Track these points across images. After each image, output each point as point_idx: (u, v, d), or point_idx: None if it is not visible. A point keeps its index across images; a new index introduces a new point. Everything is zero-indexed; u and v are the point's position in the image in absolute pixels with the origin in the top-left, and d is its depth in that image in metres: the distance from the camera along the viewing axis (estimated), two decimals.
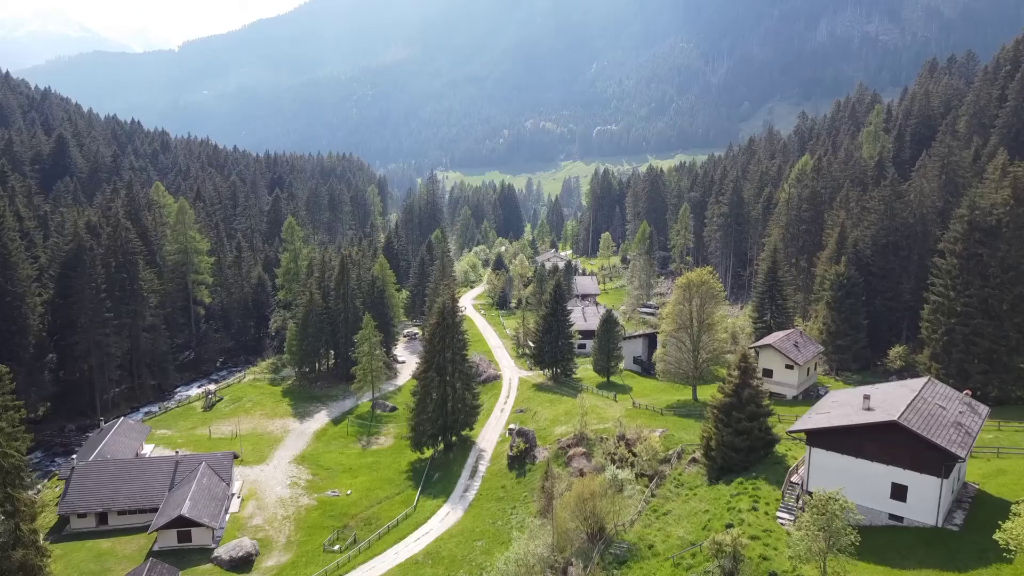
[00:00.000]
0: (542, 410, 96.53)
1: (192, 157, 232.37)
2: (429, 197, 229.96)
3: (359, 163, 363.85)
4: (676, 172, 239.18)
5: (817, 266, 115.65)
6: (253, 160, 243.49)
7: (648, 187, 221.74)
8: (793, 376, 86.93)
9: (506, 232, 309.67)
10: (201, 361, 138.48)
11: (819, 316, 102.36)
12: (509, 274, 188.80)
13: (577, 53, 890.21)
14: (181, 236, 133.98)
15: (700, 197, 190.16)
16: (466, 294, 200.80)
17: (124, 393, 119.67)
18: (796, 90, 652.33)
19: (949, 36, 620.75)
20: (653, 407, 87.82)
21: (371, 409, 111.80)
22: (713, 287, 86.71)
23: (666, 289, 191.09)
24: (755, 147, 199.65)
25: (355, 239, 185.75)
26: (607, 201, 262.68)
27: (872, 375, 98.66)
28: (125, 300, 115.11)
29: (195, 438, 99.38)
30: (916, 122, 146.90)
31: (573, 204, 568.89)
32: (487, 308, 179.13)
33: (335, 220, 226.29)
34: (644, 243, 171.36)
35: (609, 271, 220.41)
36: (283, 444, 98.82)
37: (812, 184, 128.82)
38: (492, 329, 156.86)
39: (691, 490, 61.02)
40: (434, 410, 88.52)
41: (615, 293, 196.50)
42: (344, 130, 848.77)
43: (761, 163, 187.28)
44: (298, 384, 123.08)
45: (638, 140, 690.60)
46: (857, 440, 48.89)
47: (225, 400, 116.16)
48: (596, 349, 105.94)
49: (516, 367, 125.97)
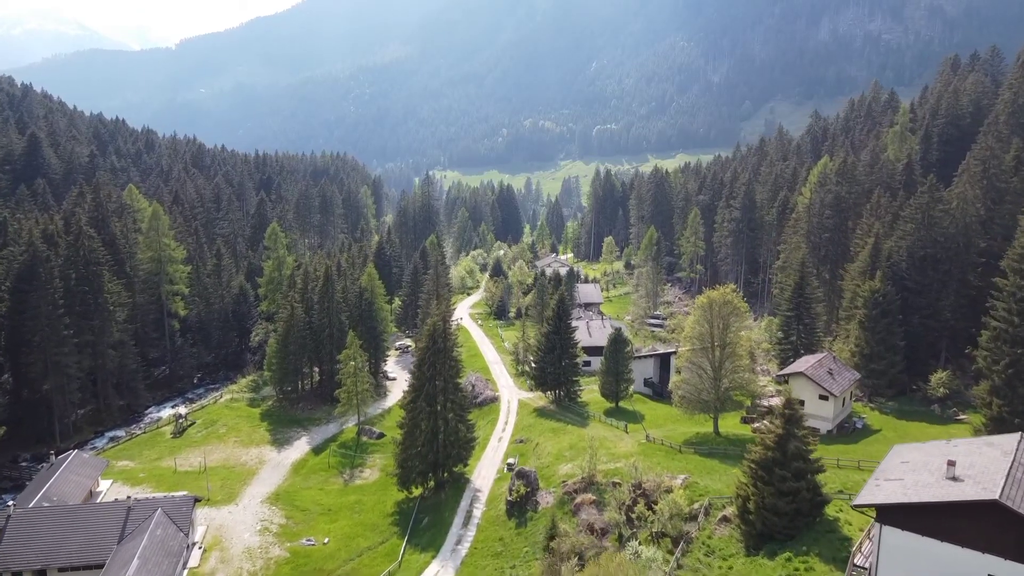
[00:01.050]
0: (544, 441, 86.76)
1: (177, 157, 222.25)
2: (424, 199, 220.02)
3: (353, 163, 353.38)
4: (682, 174, 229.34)
5: (844, 278, 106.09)
6: (241, 160, 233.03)
7: (653, 189, 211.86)
8: (828, 408, 77.26)
9: (505, 234, 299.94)
10: (176, 378, 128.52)
11: (851, 336, 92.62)
12: (508, 281, 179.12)
13: (576, 51, 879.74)
14: (154, 244, 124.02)
15: (709, 200, 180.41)
16: (462, 301, 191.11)
17: (88, 416, 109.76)
18: (798, 89, 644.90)
19: (953, 34, 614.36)
20: (670, 443, 78.03)
21: (356, 436, 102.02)
22: (737, 307, 76.98)
23: (673, 297, 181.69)
24: (766, 148, 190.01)
25: (346, 244, 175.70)
26: (609, 203, 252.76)
27: (909, 402, 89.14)
28: (88, 315, 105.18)
29: (159, 472, 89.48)
30: (944, 122, 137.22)
31: (573, 204, 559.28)
32: (484, 318, 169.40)
33: (326, 223, 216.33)
34: (651, 250, 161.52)
35: (612, 277, 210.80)
36: (257, 478, 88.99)
37: (836, 188, 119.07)
38: (490, 342, 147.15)
39: (725, 560, 51.26)
40: (423, 444, 78.73)
41: (619, 301, 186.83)
42: (342, 128, 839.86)
43: (774, 165, 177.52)
44: (278, 406, 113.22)
45: (638, 139, 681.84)
46: (942, 520, 39.23)
47: (197, 424, 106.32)
48: (604, 371, 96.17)
49: (515, 386, 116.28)
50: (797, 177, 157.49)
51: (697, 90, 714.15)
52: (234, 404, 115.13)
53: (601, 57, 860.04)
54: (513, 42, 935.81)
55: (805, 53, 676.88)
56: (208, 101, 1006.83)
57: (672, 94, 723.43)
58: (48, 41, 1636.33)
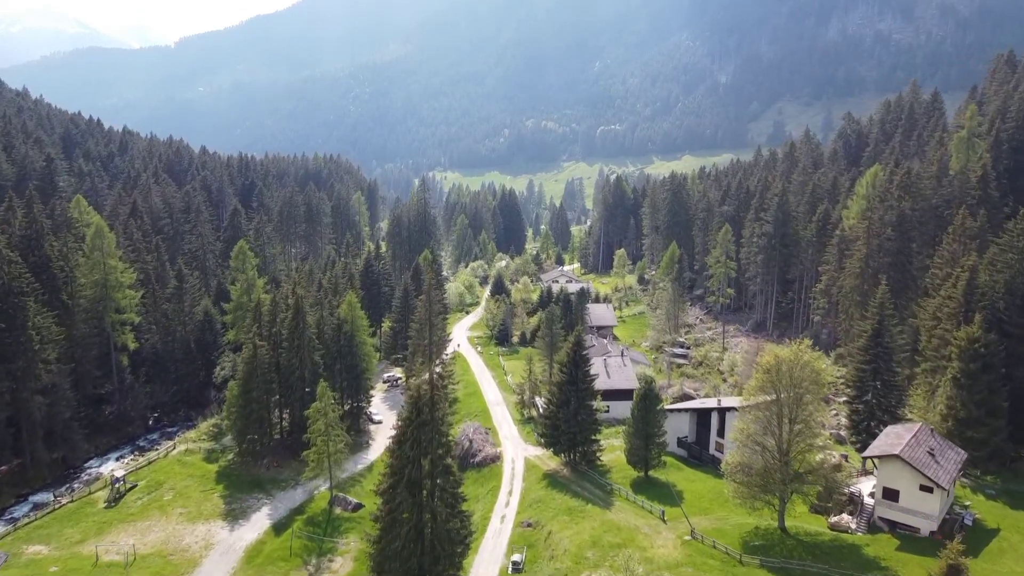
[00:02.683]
0: (559, 530, 68.86)
1: (150, 161, 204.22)
2: (420, 207, 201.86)
3: (348, 166, 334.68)
4: (700, 180, 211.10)
5: (917, 315, 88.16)
6: (223, 164, 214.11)
7: (669, 197, 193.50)
8: (933, 503, 59.33)
9: (507, 241, 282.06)
10: (126, 421, 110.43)
11: (939, 395, 74.61)
12: (510, 301, 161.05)
13: (580, 50, 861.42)
14: (98, 266, 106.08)
15: (734, 212, 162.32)
16: (460, 322, 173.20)
17: (10, 475, 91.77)
18: (807, 90, 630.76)
19: (966, 35, 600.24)
20: (725, 546, 60.10)
21: (328, 507, 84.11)
22: (816, 371, 58.96)
23: (694, 318, 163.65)
24: (797, 154, 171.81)
25: (331, 261, 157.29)
26: (620, 211, 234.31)
27: (1016, 479, 71.26)
28: (6, 357, 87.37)
29: (76, 563, 71.44)
30: (1013, 127, 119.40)
31: (577, 207, 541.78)
32: (485, 343, 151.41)
33: (313, 233, 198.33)
34: (672, 268, 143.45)
35: (625, 294, 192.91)
36: (199, 573, 71.05)
37: (898, 205, 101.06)
38: (490, 375, 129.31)
39: None
40: (404, 545, 60.60)
41: (633, 323, 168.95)
42: (341, 128, 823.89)
43: (807, 173, 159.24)
44: (239, 461, 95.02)
45: (643, 140, 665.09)
46: None
47: (139, 488, 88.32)
48: (631, 434, 78.17)
49: (520, 438, 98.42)
50: (838, 188, 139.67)
51: (703, 90, 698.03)
52: (188, 458, 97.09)
53: (605, 56, 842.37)
54: (515, 40, 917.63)
55: (814, 53, 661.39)
56: (207, 100, 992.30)
57: (678, 94, 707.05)
58: (47, 39, 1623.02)
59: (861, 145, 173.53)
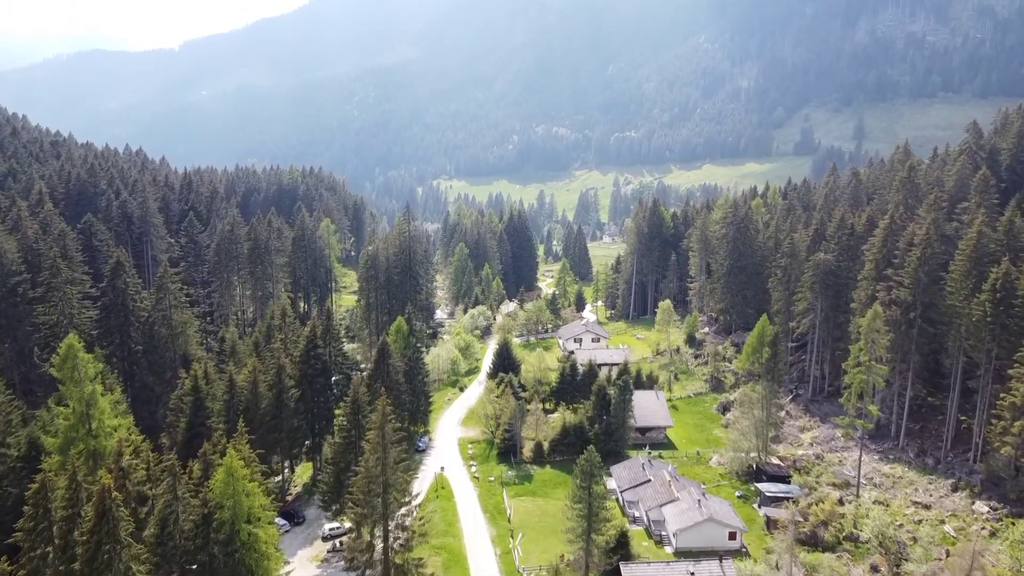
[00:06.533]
0: None
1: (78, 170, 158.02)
2: (403, 243, 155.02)
3: (330, 180, 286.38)
4: (766, 207, 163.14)
5: None
6: (150, 182, 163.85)
7: (732, 232, 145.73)
8: None
9: (515, 273, 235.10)
10: None
11: None
12: (519, 383, 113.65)
13: (593, 54, 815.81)
14: None
15: (835, 262, 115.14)
16: (452, 405, 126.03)
17: None
18: (835, 95, 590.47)
19: (1005, 37, 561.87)
20: None
21: None
22: None
23: (786, 416, 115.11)
24: (916, 178, 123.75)
25: (264, 334, 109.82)
26: (657, 243, 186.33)
27: None
28: None
29: None
30: None
31: (591, 220, 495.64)
32: (482, 455, 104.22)
33: (263, 275, 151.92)
34: (762, 354, 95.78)
35: (670, 358, 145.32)
36: None
37: None
38: (486, 526, 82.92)
39: None
40: None
41: (689, 411, 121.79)
42: (344, 134, 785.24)
43: (934, 208, 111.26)
44: None
45: (660, 148, 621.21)
46: None
47: None
48: None
49: None
50: (1016, 236, 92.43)
51: (724, 95, 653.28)
52: None
53: (619, 59, 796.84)
54: (525, 43, 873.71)
55: (842, 56, 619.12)
56: (209, 103, 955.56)
57: (696, 99, 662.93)
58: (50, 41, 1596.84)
59: (1011, 164, 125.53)
